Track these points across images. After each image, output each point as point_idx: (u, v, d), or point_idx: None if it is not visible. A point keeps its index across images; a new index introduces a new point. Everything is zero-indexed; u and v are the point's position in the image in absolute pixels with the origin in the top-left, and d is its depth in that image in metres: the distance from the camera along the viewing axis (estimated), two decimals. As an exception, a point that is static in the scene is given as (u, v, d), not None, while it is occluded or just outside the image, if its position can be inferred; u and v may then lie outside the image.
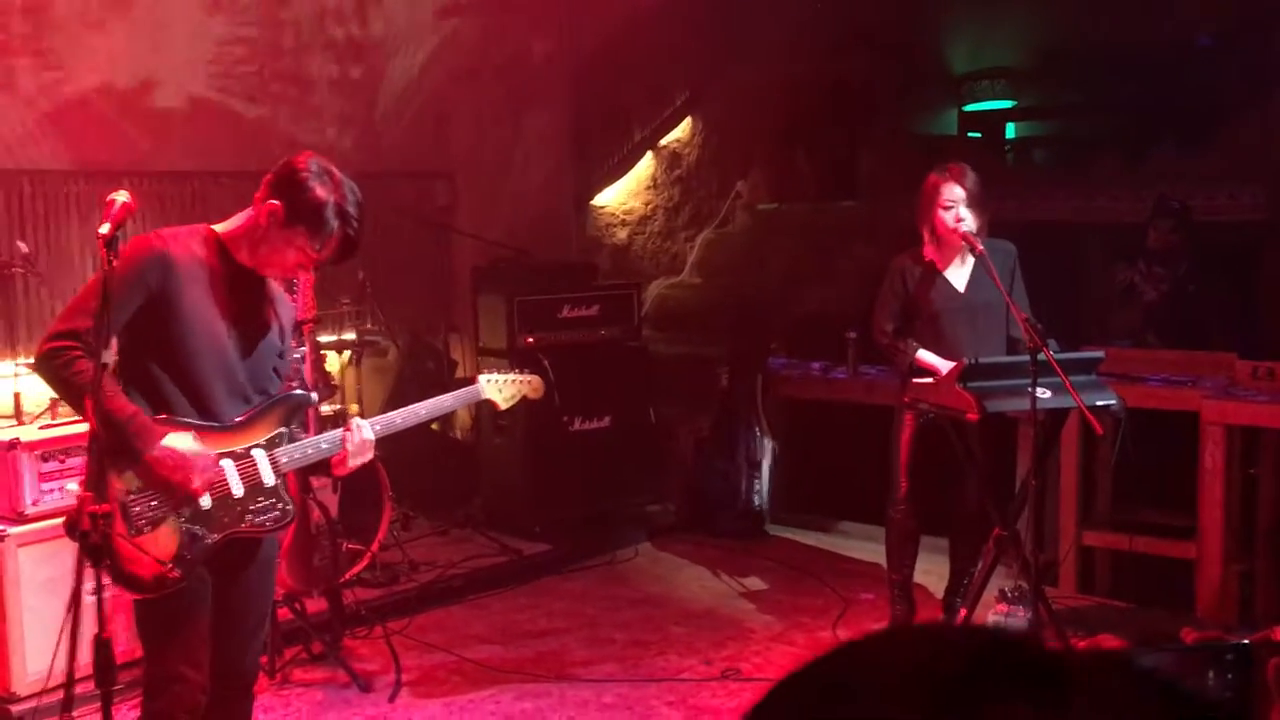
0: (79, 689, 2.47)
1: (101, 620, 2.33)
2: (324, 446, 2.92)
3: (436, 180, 7.49)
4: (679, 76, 8.43)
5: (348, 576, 4.87)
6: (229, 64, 6.42)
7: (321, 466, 2.98)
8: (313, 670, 4.49)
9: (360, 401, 6.43)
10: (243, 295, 2.83)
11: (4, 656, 3.99)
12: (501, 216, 7.33)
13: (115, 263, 2.52)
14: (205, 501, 2.72)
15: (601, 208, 8.63)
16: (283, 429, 2.88)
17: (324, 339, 5.80)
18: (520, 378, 3.40)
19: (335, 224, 2.78)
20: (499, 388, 3.35)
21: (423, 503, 6.34)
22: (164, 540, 2.68)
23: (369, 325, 6.43)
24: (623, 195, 8.64)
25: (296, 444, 2.89)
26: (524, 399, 3.41)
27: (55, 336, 2.64)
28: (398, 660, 4.49)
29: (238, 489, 2.79)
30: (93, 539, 2.27)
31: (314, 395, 3.13)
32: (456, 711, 4.19)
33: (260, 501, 2.83)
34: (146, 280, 2.66)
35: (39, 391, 5.13)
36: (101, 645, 2.33)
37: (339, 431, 2.94)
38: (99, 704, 2.43)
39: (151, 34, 6.10)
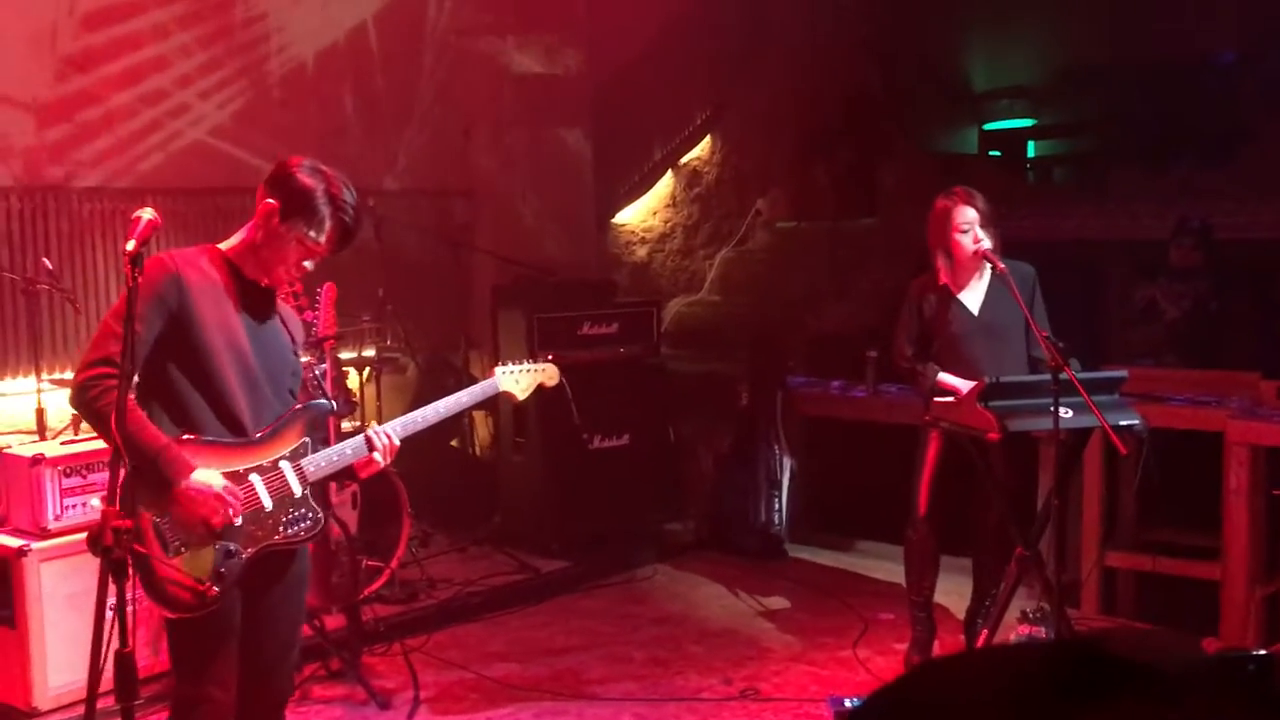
0: (100, 704, 2.46)
1: (123, 634, 2.34)
2: (348, 453, 2.95)
3: (457, 198, 7.53)
4: (699, 95, 8.46)
5: (366, 593, 4.87)
6: (250, 79, 6.48)
7: (346, 472, 3.00)
8: (331, 687, 4.49)
9: (380, 418, 6.45)
10: (256, 310, 2.87)
11: (26, 671, 4.00)
12: (521, 234, 7.35)
13: (139, 281, 2.55)
14: (237, 519, 2.75)
15: (621, 226, 8.65)
16: (306, 439, 2.91)
17: (344, 355, 5.83)
18: (535, 367, 3.38)
19: (327, 210, 2.80)
20: (515, 379, 3.34)
21: (442, 520, 6.34)
22: (200, 559, 2.71)
23: (389, 342, 6.45)
24: (642, 213, 8.66)
25: (321, 453, 2.91)
26: (541, 387, 3.39)
27: (89, 365, 2.67)
28: (416, 677, 4.49)
29: (268, 503, 2.81)
30: (116, 554, 2.28)
31: (334, 404, 3.14)
32: (475, 729, 4.18)
33: (291, 513, 2.85)
34: (165, 300, 2.70)
35: (62, 407, 5.17)
36: (123, 659, 2.34)
37: (361, 437, 2.97)
38: (120, 718, 2.44)
39: (173, 57, 6.16)
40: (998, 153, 9.19)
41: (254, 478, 2.80)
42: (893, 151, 8.31)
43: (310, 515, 2.89)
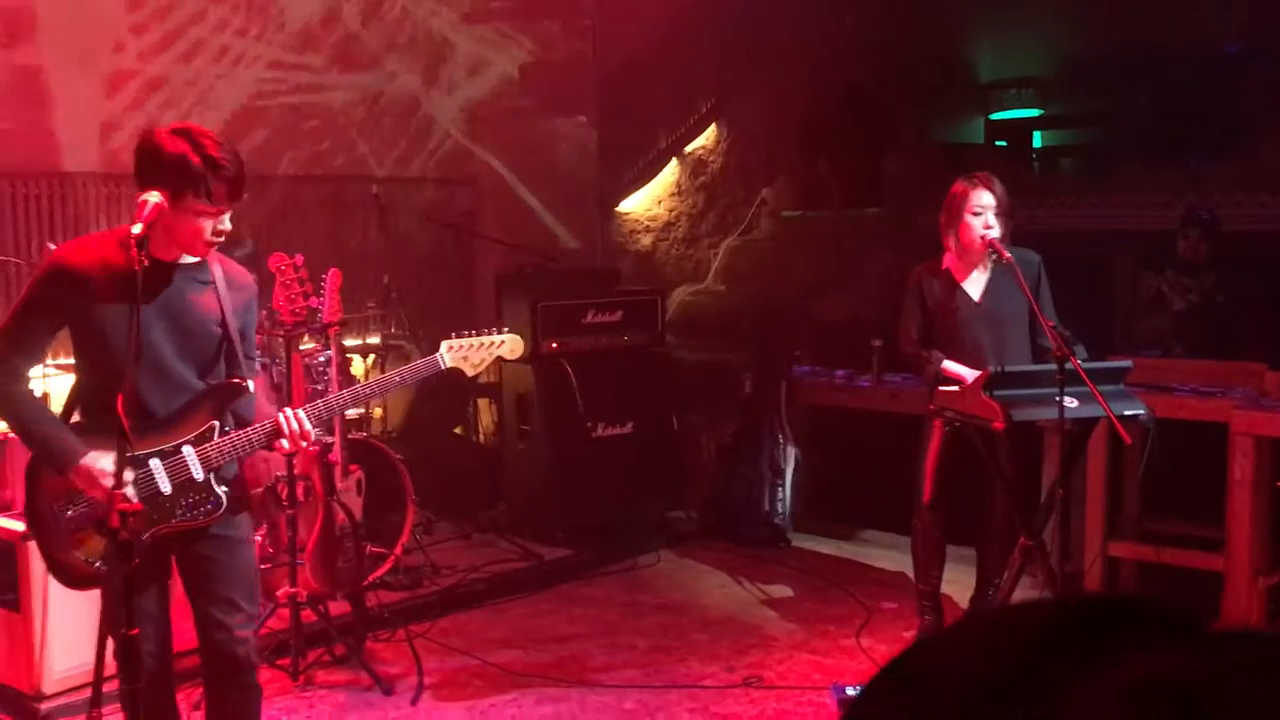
0: (105, 687, 2.47)
1: (129, 617, 2.35)
2: (254, 439, 2.92)
3: (461, 185, 7.52)
4: (705, 83, 8.44)
5: (371, 579, 4.88)
6: (259, 71, 6.47)
7: (266, 448, 3.00)
8: (335, 672, 4.50)
9: (384, 405, 6.46)
10: (168, 290, 2.84)
11: (30, 654, 4.01)
12: (526, 222, 7.35)
13: (27, 285, 2.71)
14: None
15: (626, 214, 8.64)
16: (214, 422, 2.87)
17: (349, 342, 5.83)
18: (489, 340, 3.16)
19: (209, 173, 2.73)
20: (464, 354, 3.13)
21: (446, 507, 6.35)
22: (93, 540, 2.79)
23: (393, 329, 6.45)
24: (647, 202, 8.65)
25: (227, 438, 2.88)
26: (500, 361, 3.18)
27: None
28: (420, 663, 4.50)
29: (165, 487, 2.81)
30: (121, 536, 2.28)
31: (250, 384, 2.98)
32: (478, 715, 4.19)
33: (191, 497, 2.85)
34: (57, 298, 2.76)
35: (64, 392, 5.18)
36: (128, 642, 2.34)
37: (270, 421, 2.93)
38: (125, 701, 2.44)
39: (186, 46, 6.16)
40: (1003, 143, 9.16)
41: (154, 462, 2.81)
42: (898, 141, 8.28)
43: (212, 499, 2.87)
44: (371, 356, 5.97)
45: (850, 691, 4.11)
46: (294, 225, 6.53)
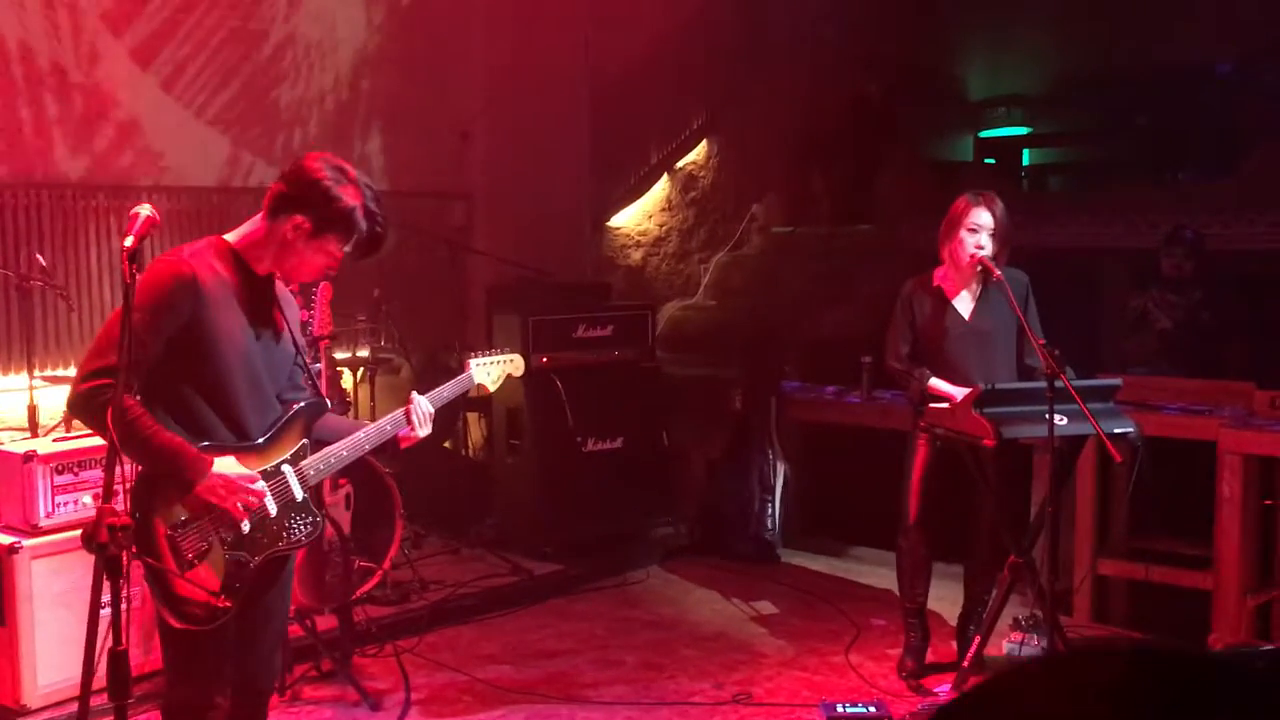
0: (92, 701, 2.45)
1: (117, 632, 2.32)
2: (344, 454, 2.92)
3: (453, 200, 7.52)
4: (696, 100, 8.47)
5: (359, 594, 4.85)
6: (249, 78, 6.47)
7: (390, 445, 3.01)
8: (322, 688, 4.48)
9: (373, 419, 6.42)
10: (259, 305, 2.80)
11: (15, 668, 3.98)
12: (517, 236, 7.34)
13: (139, 286, 2.48)
14: (245, 526, 2.72)
15: (617, 229, 8.65)
16: (304, 440, 2.87)
17: (339, 355, 5.81)
18: (504, 358, 3.36)
19: (365, 225, 2.78)
20: (487, 370, 3.31)
21: (435, 521, 6.33)
22: (213, 571, 2.68)
23: (383, 343, 6.44)
24: (638, 217, 8.67)
25: (319, 455, 2.88)
26: (509, 377, 3.40)
27: (92, 375, 2.56)
28: (407, 679, 4.48)
29: (273, 509, 2.77)
30: (111, 551, 2.26)
31: (328, 402, 3.07)
32: (466, 731, 4.17)
33: (293, 518, 2.83)
34: (178, 307, 2.62)
35: (55, 404, 5.15)
36: (117, 657, 2.32)
37: (398, 412, 3.01)
38: (111, 717, 2.42)
39: (174, 53, 6.15)
40: (992, 160, 9.21)
41: (259, 484, 2.75)
42: (889, 158, 8.32)
43: (309, 519, 2.86)
44: (361, 370, 5.95)
45: (840, 709, 4.09)
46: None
